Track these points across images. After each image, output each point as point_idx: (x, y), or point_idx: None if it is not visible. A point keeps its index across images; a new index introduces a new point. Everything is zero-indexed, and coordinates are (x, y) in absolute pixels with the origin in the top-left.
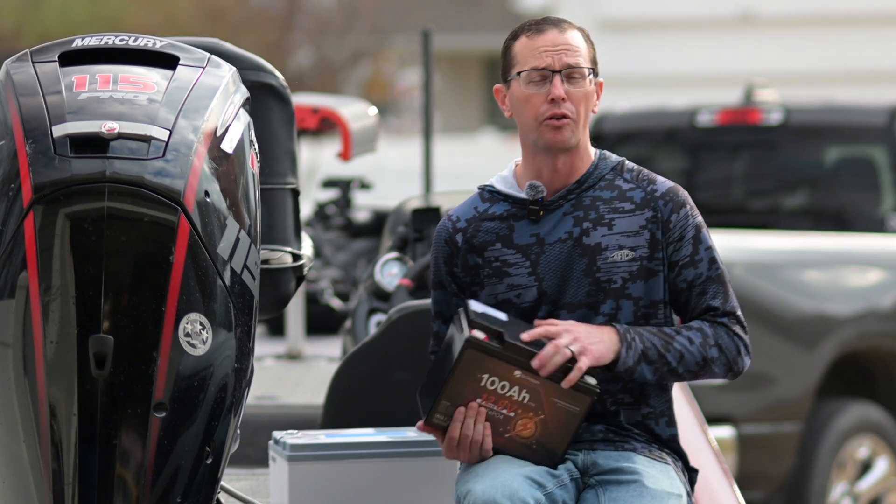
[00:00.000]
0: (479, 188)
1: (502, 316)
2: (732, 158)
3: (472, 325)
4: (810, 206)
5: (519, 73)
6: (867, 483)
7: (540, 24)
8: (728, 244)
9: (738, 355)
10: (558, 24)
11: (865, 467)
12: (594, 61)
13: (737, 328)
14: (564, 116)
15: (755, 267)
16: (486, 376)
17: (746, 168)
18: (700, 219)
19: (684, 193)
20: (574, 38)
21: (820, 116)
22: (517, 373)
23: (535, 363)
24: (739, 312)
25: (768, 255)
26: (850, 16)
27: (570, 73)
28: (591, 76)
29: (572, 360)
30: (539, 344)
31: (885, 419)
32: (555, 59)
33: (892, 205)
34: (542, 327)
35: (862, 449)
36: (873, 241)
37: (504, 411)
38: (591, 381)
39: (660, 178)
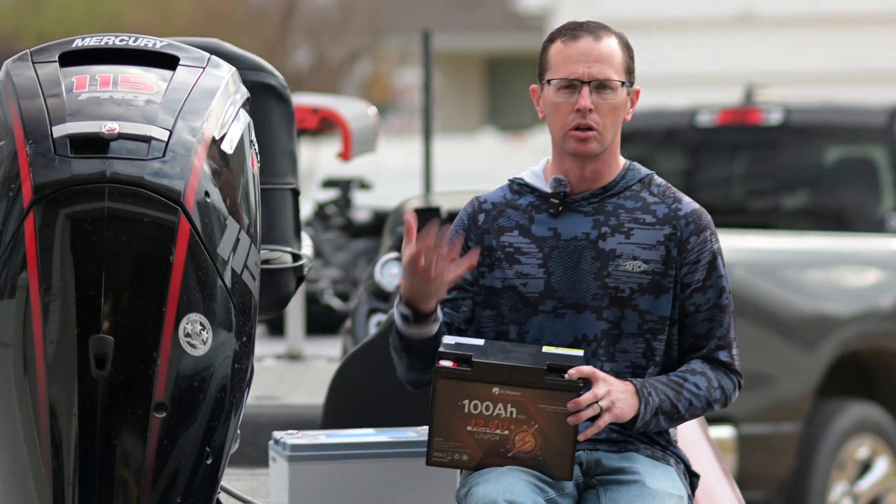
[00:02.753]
0: (509, 180)
1: (478, 342)
2: (732, 158)
3: (439, 357)
4: (810, 206)
5: (550, 81)
6: (867, 483)
7: (576, 31)
8: (728, 244)
9: (733, 391)
10: (594, 31)
11: (865, 467)
12: (629, 70)
13: (735, 365)
14: (589, 128)
15: (755, 267)
16: (466, 402)
17: (746, 168)
18: (718, 246)
19: (708, 217)
20: (608, 47)
21: (820, 116)
22: (495, 390)
23: (570, 405)
24: (736, 345)
25: (768, 255)
26: (850, 16)
27: (599, 85)
28: (625, 86)
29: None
30: (512, 357)
31: (885, 419)
32: (585, 71)
33: (892, 205)
34: (589, 368)
35: (862, 449)
36: (873, 241)
37: (497, 432)
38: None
39: (686, 198)
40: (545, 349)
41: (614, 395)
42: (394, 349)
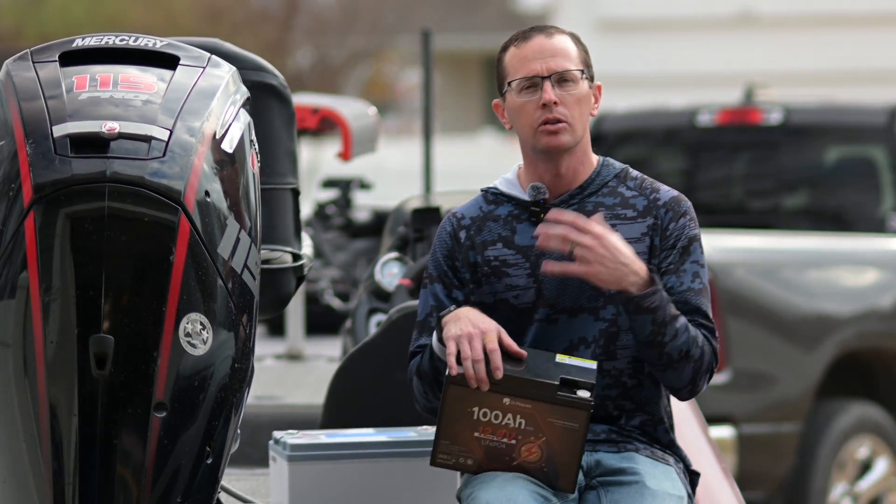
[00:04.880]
0: (482, 190)
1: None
2: (732, 158)
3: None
4: (810, 206)
5: (511, 84)
6: (867, 483)
7: (526, 33)
8: (728, 244)
9: (706, 371)
10: (545, 29)
11: (865, 467)
12: (586, 63)
13: (715, 345)
14: (559, 121)
15: (755, 267)
16: (476, 409)
17: (746, 168)
18: (696, 232)
19: (687, 204)
20: (561, 42)
21: (820, 116)
22: (506, 400)
23: (538, 229)
24: (715, 332)
25: (768, 255)
26: (850, 16)
27: (560, 78)
28: (586, 78)
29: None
30: (525, 366)
31: (885, 419)
32: (543, 66)
33: (892, 205)
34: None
35: (862, 449)
36: (873, 241)
37: (504, 440)
38: (584, 394)
39: (664, 187)
40: (559, 359)
41: (598, 254)
42: (419, 375)
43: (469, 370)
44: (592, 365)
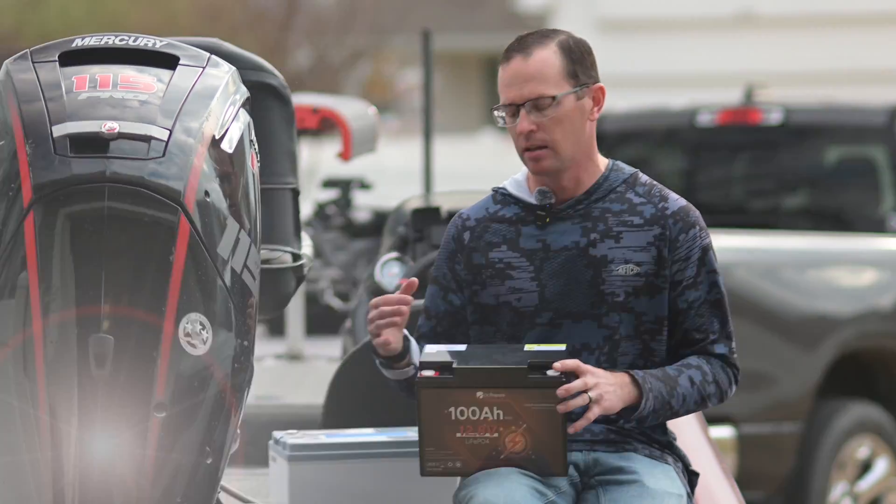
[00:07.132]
0: (493, 189)
1: (459, 347)
2: (732, 158)
3: (420, 367)
4: (810, 206)
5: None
6: (867, 483)
7: (509, 52)
8: (728, 244)
9: (729, 386)
10: (526, 47)
11: (865, 467)
12: (573, 74)
13: (731, 358)
14: (540, 147)
15: (755, 267)
16: (452, 409)
17: (746, 168)
18: (708, 241)
19: (696, 213)
20: (538, 62)
21: (820, 116)
22: (479, 394)
23: (560, 392)
24: (734, 339)
25: (768, 255)
26: (850, 16)
27: (535, 104)
28: (572, 93)
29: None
30: (493, 359)
31: (885, 419)
32: (517, 94)
33: (892, 205)
34: (573, 361)
35: (862, 449)
36: (873, 241)
37: (487, 435)
38: (553, 373)
39: (672, 196)
40: (527, 347)
41: (603, 388)
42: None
43: (380, 321)
44: (561, 347)
